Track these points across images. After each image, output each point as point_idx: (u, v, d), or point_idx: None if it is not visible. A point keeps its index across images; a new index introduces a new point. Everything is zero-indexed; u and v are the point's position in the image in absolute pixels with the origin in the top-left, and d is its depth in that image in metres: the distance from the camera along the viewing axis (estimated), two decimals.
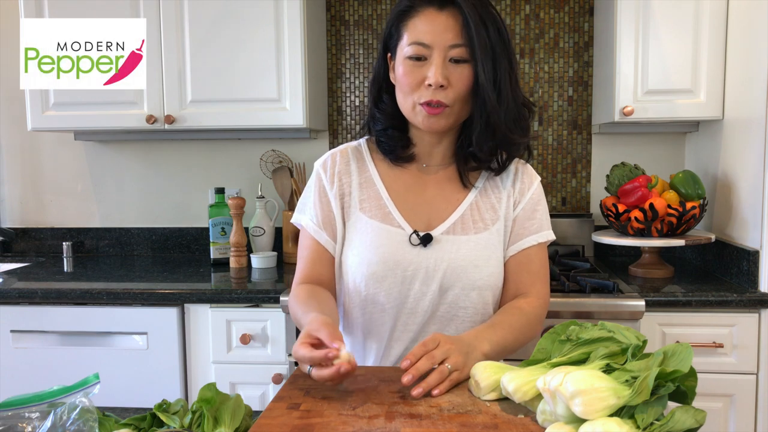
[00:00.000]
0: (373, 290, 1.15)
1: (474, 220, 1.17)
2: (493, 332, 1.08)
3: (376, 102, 1.21)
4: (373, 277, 1.14)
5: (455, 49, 1.08)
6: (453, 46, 1.08)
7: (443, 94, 1.09)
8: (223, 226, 2.30)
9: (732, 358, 1.77)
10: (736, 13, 1.92)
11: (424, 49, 1.09)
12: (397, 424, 0.81)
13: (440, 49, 1.08)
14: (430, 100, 1.09)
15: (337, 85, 2.48)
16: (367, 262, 1.14)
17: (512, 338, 1.11)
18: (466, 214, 1.18)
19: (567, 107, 2.41)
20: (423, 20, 1.10)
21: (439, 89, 1.09)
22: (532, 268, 1.20)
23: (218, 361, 1.92)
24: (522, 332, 1.14)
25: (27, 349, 1.96)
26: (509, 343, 1.10)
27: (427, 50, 1.09)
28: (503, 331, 1.09)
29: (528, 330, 1.16)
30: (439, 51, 1.08)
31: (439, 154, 1.21)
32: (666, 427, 0.73)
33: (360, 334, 1.21)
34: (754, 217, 1.81)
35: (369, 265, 1.14)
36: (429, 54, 1.09)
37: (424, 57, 1.09)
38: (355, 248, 1.17)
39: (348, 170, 1.21)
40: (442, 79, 1.08)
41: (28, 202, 2.63)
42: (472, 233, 1.16)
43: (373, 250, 1.15)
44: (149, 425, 0.87)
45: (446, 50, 1.08)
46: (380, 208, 1.18)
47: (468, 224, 1.17)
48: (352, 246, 1.17)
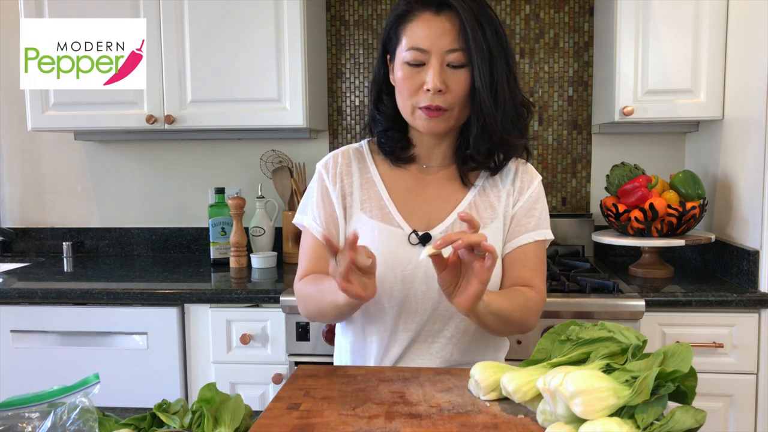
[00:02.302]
0: None
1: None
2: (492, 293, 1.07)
3: (376, 104, 1.22)
4: None
5: (452, 53, 1.09)
6: (450, 50, 1.09)
7: (441, 99, 1.10)
8: (223, 226, 2.30)
9: (732, 358, 1.77)
10: (736, 13, 1.92)
11: (421, 54, 1.10)
12: (397, 424, 0.81)
13: (438, 54, 1.09)
14: (429, 105, 1.10)
15: (337, 85, 2.48)
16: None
17: (509, 307, 1.10)
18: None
19: (567, 107, 2.41)
20: (420, 25, 1.10)
21: (438, 94, 1.10)
22: (529, 264, 1.19)
23: (218, 361, 1.92)
24: (519, 308, 1.12)
25: (27, 349, 1.96)
26: (506, 311, 1.09)
27: (425, 55, 1.10)
28: (502, 298, 1.09)
29: (525, 310, 1.14)
30: (436, 56, 1.09)
31: (438, 155, 1.22)
32: (666, 427, 0.73)
33: (360, 333, 1.21)
34: (754, 217, 1.81)
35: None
36: (427, 59, 1.10)
37: (422, 62, 1.10)
38: None
39: (349, 171, 1.22)
40: (440, 84, 1.09)
41: (28, 202, 2.63)
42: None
43: (373, 249, 1.15)
44: (149, 425, 0.87)
45: (443, 55, 1.09)
46: (380, 209, 1.19)
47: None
48: None
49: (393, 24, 1.15)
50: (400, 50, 1.13)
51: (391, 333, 1.17)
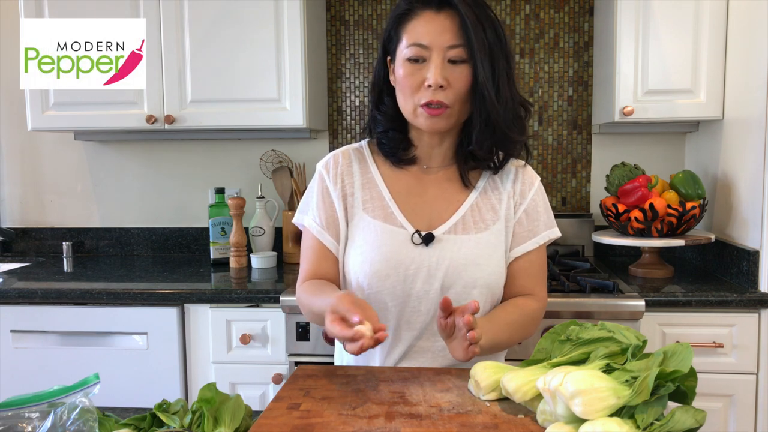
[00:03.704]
0: (376, 289, 1.16)
1: (475, 220, 1.19)
2: (489, 327, 1.08)
3: (376, 104, 1.23)
4: (376, 276, 1.15)
5: (453, 49, 1.10)
6: (451, 46, 1.10)
7: (443, 95, 1.10)
8: (223, 226, 2.30)
9: (732, 358, 1.77)
10: (736, 13, 1.92)
11: (422, 50, 1.10)
12: (397, 424, 0.81)
13: (439, 50, 1.10)
14: (431, 101, 1.11)
15: (337, 85, 2.48)
16: (370, 261, 1.16)
17: (506, 336, 1.13)
18: (467, 214, 1.19)
19: (567, 107, 2.41)
20: (421, 22, 1.11)
21: (439, 90, 1.10)
22: (533, 271, 1.22)
23: (218, 361, 1.92)
24: (517, 330, 1.16)
25: (27, 349, 1.96)
26: (502, 340, 1.12)
27: (426, 51, 1.10)
28: (498, 329, 1.11)
29: (523, 329, 1.18)
30: (437, 52, 1.10)
31: (439, 155, 1.22)
32: (666, 427, 0.73)
33: None
34: (754, 217, 1.81)
35: (372, 264, 1.15)
36: (428, 55, 1.10)
37: (423, 58, 1.11)
38: (358, 247, 1.18)
39: (350, 171, 1.23)
40: (442, 80, 1.09)
41: (28, 202, 2.63)
42: (473, 233, 1.18)
43: (375, 249, 1.16)
44: (149, 425, 0.87)
45: (445, 51, 1.10)
46: (383, 209, 1.19)
47: (469, 224, 1.18)
48: (355, 245, 1.19)
49: (393, 24, 1.16)
50: (401, 49, 1.13)
51: (395, 332, 1.18)
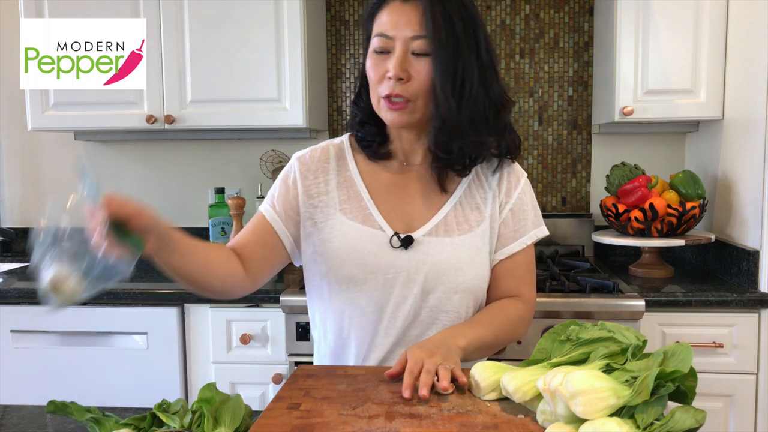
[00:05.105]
0: (353, 294, 1.12)
1: (458, 221, 1.13)
2: (469, 328, 1.06)
3: (355, 97, 1.19)
4: (352, 281, 1.11)
5: (416, 41, 1.05)
6: (414, 37, 1.05)
7: (403, 88, 1.05)
8: (223, 226, 2.30)
9: (732, 358, 1.77)
10: (736, 13, 1.92)
11: (387, 41, 1.06)
12: (397, 424, 0.81)
13: (401, 40, 1.05)
14: (390, 93, 1.06)
15: (337, 85, 2.48)
16: (346, 265, 1.11)
17: (491, 336, 1.09)
18: (450, 215, 1.14)
19: (567, 107, 2.41)
20: (388, 12, 1.07)
21: (399, 82, 1.05)
22: (519, 273, 1.17)
23: (218, 361, 1.92)
24: (502, 331, 1.11)
25: (27, 349, 1.96)
26: (487, 341, 1.08)
27: (390, 42, 1.06)
28: (481, 329, 1.08)
29: (509, 330, 1.13)
30: (400, 42, 1.05)
31: (419, 151, 1.17)
32: (666, 427, 0.73)
33: (339, 339, 1.17)
34: (754, 217, 1.81)
35: (348, 268, 1.11)
36: (392, 46, 1.06)
37: (387, 50, 1.06)
38: (334, 251, 1.12)
39: (326, 168, 1.18)
40: (401, 72, 1.04)
41: (28, 202, 2.63)
42: (456, 235, 1.12)
43: (353, 252, 1.11)
44: (149, 425, 0.87)
45: (407, 42, 1.05)
46: (361, 210, 1.14)
47: (451, 225, 1.13)
48: (331, 248, 1.12)
49: (368, 16, 1.12)
50: (372, 40, 1.10)
51: (372, 338, 1.13)
